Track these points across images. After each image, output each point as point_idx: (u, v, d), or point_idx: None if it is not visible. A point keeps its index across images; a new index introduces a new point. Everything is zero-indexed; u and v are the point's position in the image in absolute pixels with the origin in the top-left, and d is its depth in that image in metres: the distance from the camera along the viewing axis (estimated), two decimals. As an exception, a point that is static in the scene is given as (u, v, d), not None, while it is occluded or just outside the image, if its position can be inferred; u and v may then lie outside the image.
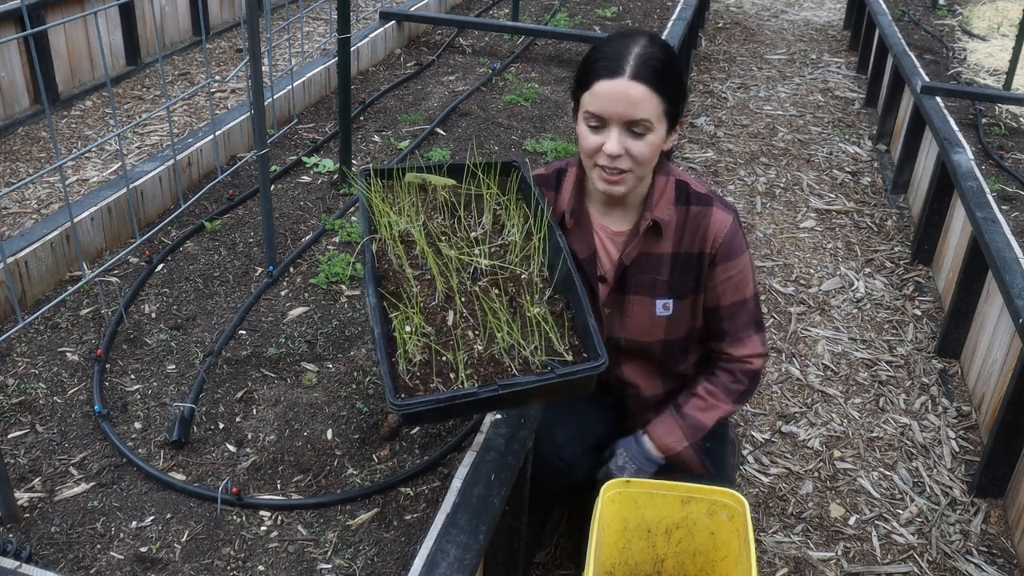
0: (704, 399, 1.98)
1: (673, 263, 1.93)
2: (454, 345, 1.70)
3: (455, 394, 1.58)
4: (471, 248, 1.95)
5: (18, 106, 4.58)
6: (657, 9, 6.20)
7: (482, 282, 1.86)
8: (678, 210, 1.91)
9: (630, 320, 1.98)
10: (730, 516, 1.79)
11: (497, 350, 1.69)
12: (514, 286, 1.86)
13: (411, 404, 1.56)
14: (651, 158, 1.80)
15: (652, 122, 1.75)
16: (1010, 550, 2.51)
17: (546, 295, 1.84)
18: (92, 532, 1.90)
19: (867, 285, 3.76)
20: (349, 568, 1.85)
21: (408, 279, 1.88)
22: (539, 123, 4.16)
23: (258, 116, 2.63)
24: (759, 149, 5.03)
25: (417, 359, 1.68)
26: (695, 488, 1.82)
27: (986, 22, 6.05)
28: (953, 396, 3.11)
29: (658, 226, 1.90)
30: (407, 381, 1.64)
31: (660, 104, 1.75)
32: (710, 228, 1.89)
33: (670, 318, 1.96)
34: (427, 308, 1.81)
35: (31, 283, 2.61)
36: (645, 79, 1.72)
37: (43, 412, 2.22)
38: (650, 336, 1.99)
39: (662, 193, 1.91)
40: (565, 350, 1.70)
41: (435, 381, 1.63)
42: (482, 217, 2.03)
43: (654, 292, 1.94)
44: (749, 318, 1.96)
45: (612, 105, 1.74)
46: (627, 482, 1.81)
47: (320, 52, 4.82)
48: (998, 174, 3.78)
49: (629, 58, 1.74)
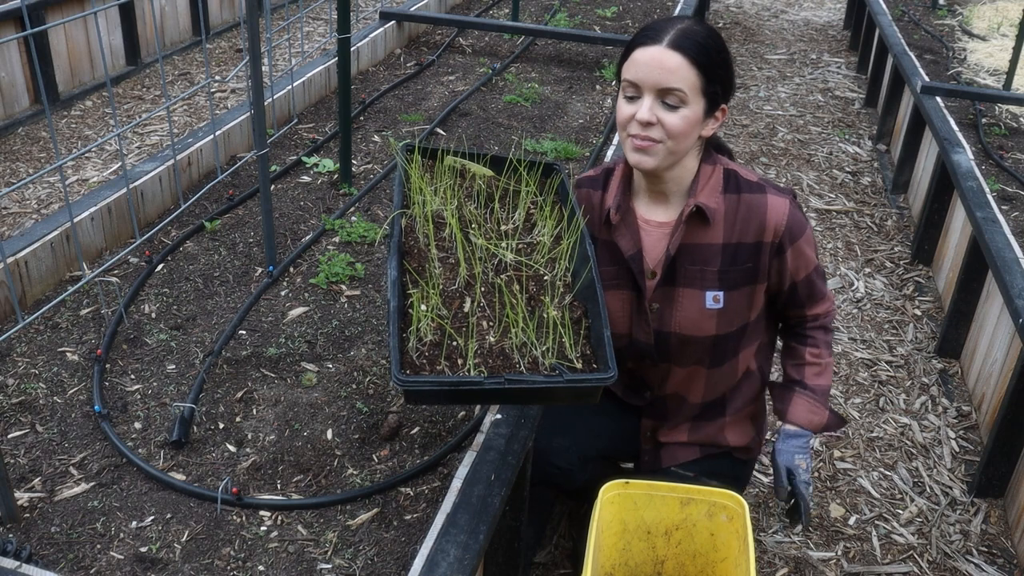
0: (817, 363, 2.01)
1: (724, 254, 1.88)
2: (467, 332, 1.69)
3: (460, 380, 1.57)
4: (499, 240, 1.93)
5: (18, 106, 4.58)
6: (657, 9, 6.20)
7: (505, 275, 1.86)
8: (728, 199, 1.87)
9: (680, 314, 1.92)
10: (730, 517, 1.79)
11: (509, 344, 1.68)
12: (535, 285, 1.85)
13: (415, 382, 1.55)
14: (684, 132, 1.76)
15: (686, 93, 1.73)
16: (1010, 550, 2.51)
17: (566, 300, 1.83)
18: (92, 532, 1.90)
19: (867, 285, 3.76)
20: (349, 568, 1.85)
21: (432, 259, 1.86)
22: (539, 123, 4.16)
23: (258, 116, 2.63)
24: (759, 149, 5.03)
25: (428, 339, 1.67)
26: (694, 489, 1.81)
27: (986, 22, 6.05)
28: (953, 396, 3.11)
29: (703, 213, 1.85)
30: (414, 359, 1.63)
31: (697, 77, 1.73)
32: (768, 217, 1.87)
33: (721, 311, 1.91)
34: (446, 291, 1.80)
35: (31, 283, 2.61)
36: (682, 48, 1.72)
37: (43, 412, 2.22)
38: (700, 331, 1.93)
39: (707, 181, 1.88)
40: (576, 357, 1.69)
41: (442, 364, 1.62)
42: (515, 212, 2.02)
43: (704, 284, 1.90)
44: (820, 278, 1.99)
45: (647, 71, 1.74)
46: (626, 483, 1.81)
47: (320, 52, 4.82)
48: (998, 174, 3.78)
49: (671, 29, 1.75)
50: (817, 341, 2.03)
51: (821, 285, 2.00)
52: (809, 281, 1.97)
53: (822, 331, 2.04)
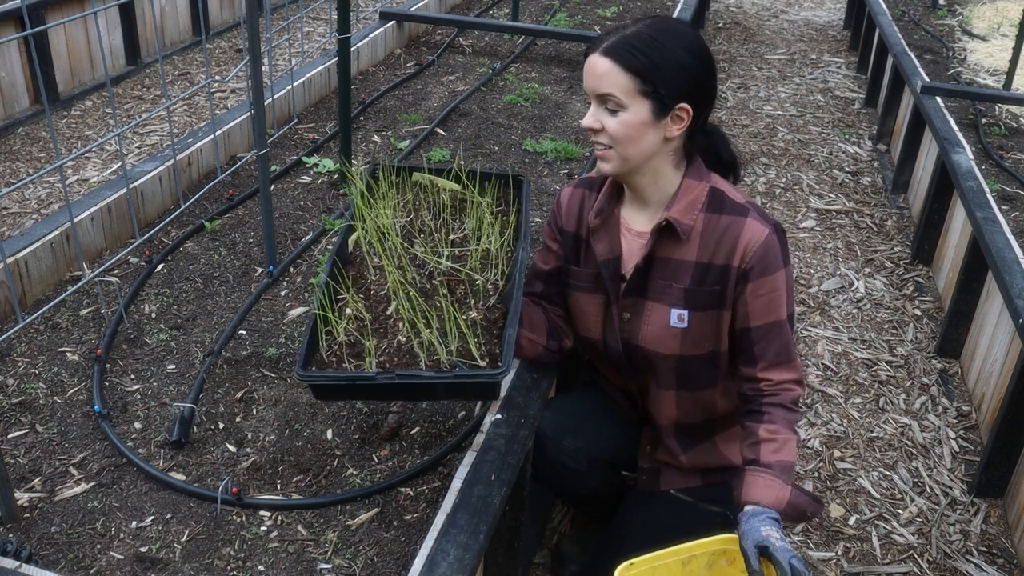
0: (773, 439, 1.75)
1: (695, 272, 1.82)
2: (383, 334, 1.85)
3: (355, 375, 1.73)
4: (441, 250, 2.08)
5: (18, 106, 4.58)
6: (657, 9, 6.20)
7: (435, 281, 1.99)
8: (707, 217, 1.81)
9: (646, 327, 1.88)
10: (730, 561, 1.73)
11: (417, 344, 1.81)
12: (465, 290, 1.98)
13: (313, 377, 1.73)
14: (628, 137, 1.74)
15: (620, 98, 1.72)
16: (1010, 550, 2.51)
17: (491, 302, 1.96)
18: (92, 532, 1.90)
19: (867, 285, 3.76)
20: (349, 568, 1.85)
21: (369, 267, 2.03)
22: (539, 123, 4.16)
23: (258, 116, 2.63)
24: (759, 149, 5.03)
25: (341, 339, 1.84)
26: (694, 545, 1.70)
27: (986, 22, 6.05)
28: (953, 396, 3.11)
29: (673, 228, 1.81)
30: (324, 357, 1.81)
31: (629, 80, 1.71)
32: (740, 239, 1.77)
33: (685, 331, 1.85)
34: (375, 295, 1.97)
35: (31, 283, 2.61)
36: (612, 53, 1.73)
37: (43, 412, 2.22)
38: (664, 347, 1.87)
39: (688, 196, 1.82)
40: (481, 355, 1.80)
41: (348, 362, 1.79)
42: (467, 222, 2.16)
43: (670, 300, 1.85)
44: (784, 342, 1.80)
45: (586, 79, 1.78)
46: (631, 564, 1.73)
47: (320, 52, 4.82)
48: (998, 174, 3.78)
49: (614, 35, 1.76)
50: (775, 417, 1.76)
51: (787, 348, 1.79)
52: (769, 333, 1.79)
53: (782, 409, 1.77)
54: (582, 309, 1.99)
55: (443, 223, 2.15)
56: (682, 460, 2.01)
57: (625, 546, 1.97)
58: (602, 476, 2.11)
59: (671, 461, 2.03)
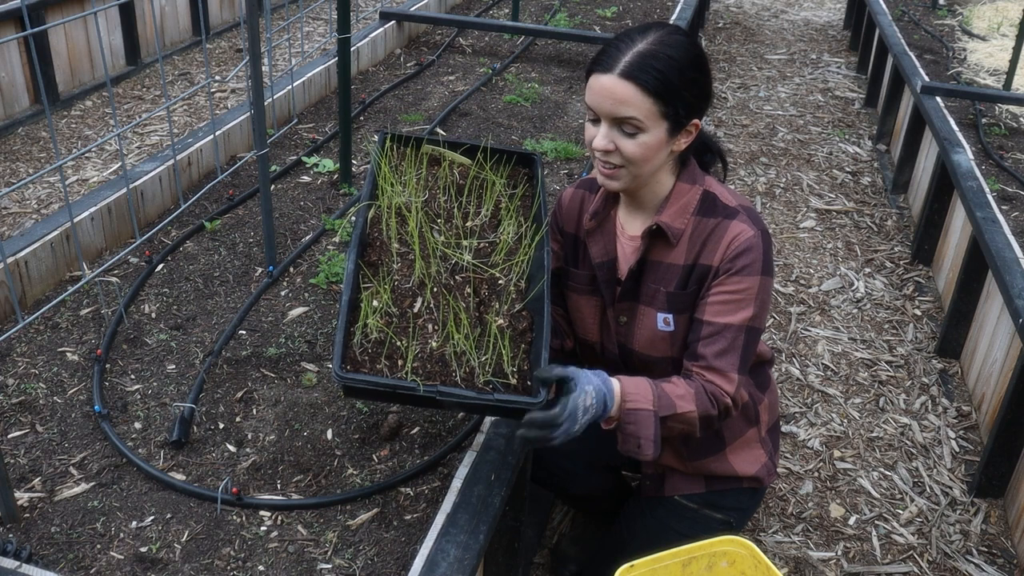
0: (676, 385, 1.72)
1: (682, 276, 1.81)
2: (411, 334, 1.73)
3: (396, 383, 1.61)
4: (461, 239, 1.95)
5: (18, 106, 4.58)
6: (657, 9, 6.20)
7: (459, 277, 1.88)
8: (698, 221, 1.80)
9: (639, 331, 1.88)
10: (730, 562, 1.72)
11: (449, 352, 1.71)
12: (488, 289, 1.87)
13: (353, 379, 1.60)
14: (644, 158, 1.72)
15: (642, 121, 1.67)
16: (1010, 550, 2.51)
17: (516, 308, 1.84)
18: (92, 532, 1.90)
19: (867, 285, 3.76)
20: (349, 568, 1.85)
21: (392, 254, 1.89)
22: (539, 123, 4.16)
23: (258, 116, 2.63)
24: (759, 149, 5.03)
25: (373, 336, 1.71)
26: (695, 547, 1.71)
27: (986, 22, 6.05)
28: (953, 396, 3.11)
29: (663, 232, 1.80)
30: (357, 355, 1.68)
31: (652, 105, 1.66)
32: (724, 239, 1.76)
33: (673, 335, 1.84)
34: (400, 288, 1.83)
35: (31, 283, 2.61)
36: (635, 78, 1.65)
37: (43, 412, 2.22)
38: (656, 351, 1.87)
39: (681, 200, 1.81)
40: (512, 372, 1.69)
41: (383, 363, 1.67)
42: (483, 207, 2.04)
43: (658, 304, 1.84)
44: (730, 348, 1.74)
45: (600, 101, 1.69)
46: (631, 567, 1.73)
47: (320, 52, 4.82)
48: (998, 174, 3.78)
49: (628, 54, 1.67)
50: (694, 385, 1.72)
51: (732, 356, 1.74)
52: (718, 334, 1.74)
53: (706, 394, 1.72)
54: (580, 311, 1.98)
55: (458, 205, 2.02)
56: (687, 465, 1.99)
57: (627, 549, 1.97)
58: (600, 477, 2.10)
59: (676, 466, 2.01)
